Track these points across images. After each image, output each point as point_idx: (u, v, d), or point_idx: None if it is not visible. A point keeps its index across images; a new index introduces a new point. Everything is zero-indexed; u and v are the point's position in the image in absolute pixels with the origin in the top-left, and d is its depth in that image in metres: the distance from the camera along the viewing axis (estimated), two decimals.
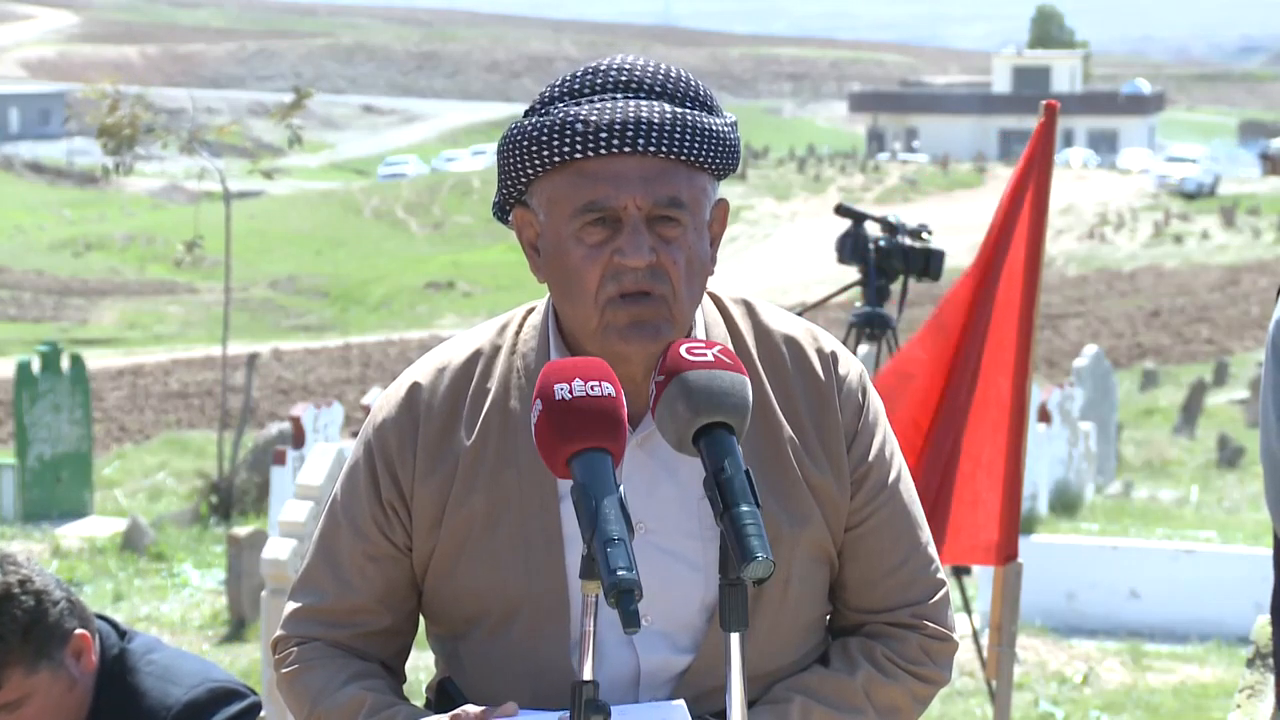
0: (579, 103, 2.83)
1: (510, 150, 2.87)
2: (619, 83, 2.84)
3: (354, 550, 2.93)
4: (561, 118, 2.81)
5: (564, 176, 2.82)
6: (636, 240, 2.79)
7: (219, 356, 21.59)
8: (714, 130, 2.85)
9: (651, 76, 2.85)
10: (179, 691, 3.73)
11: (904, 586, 2.95)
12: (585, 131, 2.79)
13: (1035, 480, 15.39)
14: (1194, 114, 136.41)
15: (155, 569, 13.29)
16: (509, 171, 2.88)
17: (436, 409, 2.92)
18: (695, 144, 2.82)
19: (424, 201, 73.69)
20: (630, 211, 2.80)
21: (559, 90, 2.86)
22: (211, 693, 3.74)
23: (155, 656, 3.80)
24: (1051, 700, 9.78)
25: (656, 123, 2.80)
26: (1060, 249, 57.43)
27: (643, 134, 2.80)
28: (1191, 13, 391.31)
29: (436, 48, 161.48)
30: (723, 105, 2.90)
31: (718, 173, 2.88)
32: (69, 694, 3.70)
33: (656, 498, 2.85)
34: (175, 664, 3.79)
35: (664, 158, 2.81)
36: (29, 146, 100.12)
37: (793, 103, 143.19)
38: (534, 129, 2.83)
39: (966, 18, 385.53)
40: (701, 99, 2.87)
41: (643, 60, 2.89)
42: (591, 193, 2.80)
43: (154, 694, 3.73)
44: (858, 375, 2.98)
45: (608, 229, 2.81)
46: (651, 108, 2.82)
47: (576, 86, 2.85)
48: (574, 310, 2.85)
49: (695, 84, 2.88)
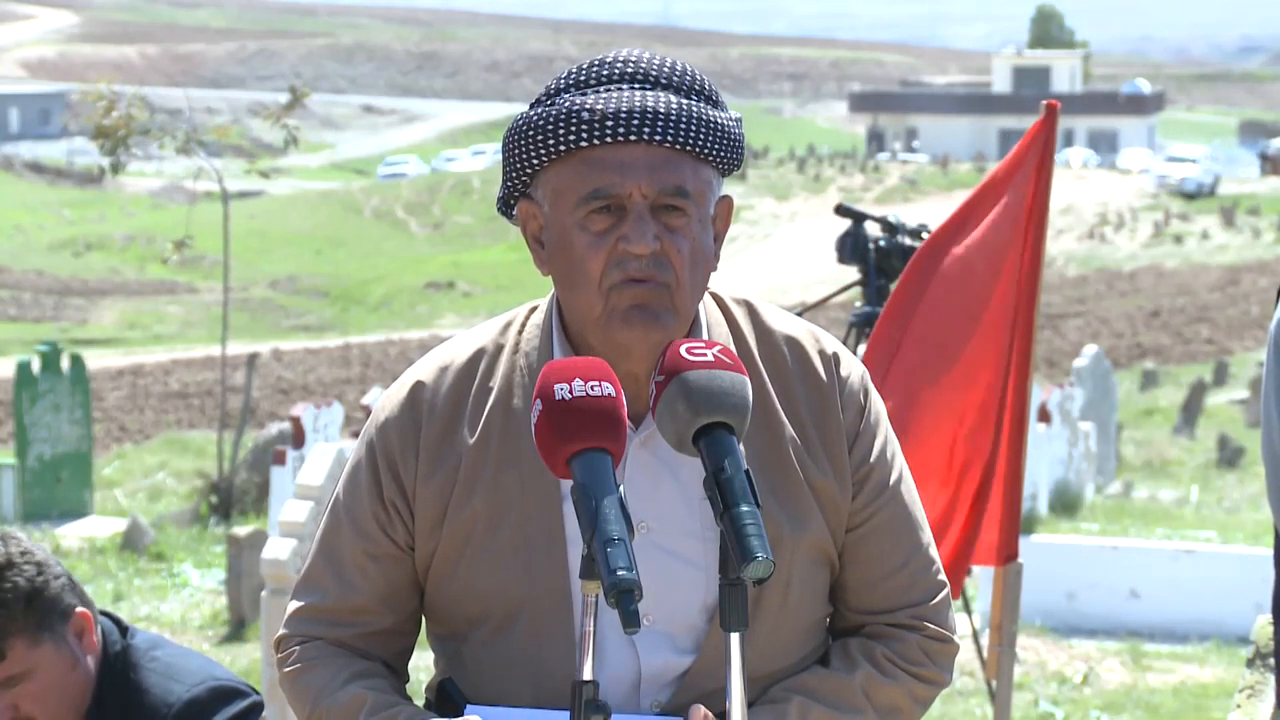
0: (585, 93, 2.84)
1: (516, 141, 2.87)
2: (625, 74, 2.85)
3: (356, 549, 2.93)
4: (568, 107, 2.82)
5: (570, 166, 2.83)
6: (641, 227, 2.80)
7: (219, 356, 21.58)
8: (719, 124, 2.85)
9: (658, 69, 2.86)
10: (181, 689, 3.73)
11: (904, 588, 2.95)
12: (591, 120, 2.80)
13: (1035, 480, 15.39)
14: (1194, 114, 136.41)
15: (155, 569, 13.29)
16: (515, 163, 2.89)
17: (439, 408, 2.92)
18: (701, 136, 2.83)
19: (424, 201, 73.68)
20: (635, 199, 2.81)
21: (565, 82, 2.87)
22: (213, 691, 3.74)
23: (158, 653, 3.80)
24: (1051, 700, 9.78)
25: (663, 113, 2.81)
26: (1060, 249, 57.42)
27: (649, 123, 2.80)
28: (1191, 13, 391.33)
29: (436, 48, 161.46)
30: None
31: (722, 167, 2.88)
32: (72, 673, 3.70)
33: (658, 498, 2.85)
34: (178, 661, 3.79)
35: (670, 148, 2.82)
36: (29, 146, 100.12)
37: (793, 103, 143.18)
38: (540, 119, 2.84)
39: (966, 18, 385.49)
40: (707, 93, 2.88)
41: (649, 53, 2.90)
42: (597, 180, 2.81)
43: (156, 691, 3.73)
44: (859, 376, 2.98)
45: (613, 216, 2.82)
46: (658, 98, 2.82)
47: (583, 78, 2.86)
48: (578, 299, 2.85)
49: (701, 78, 2.89)
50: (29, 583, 3.65)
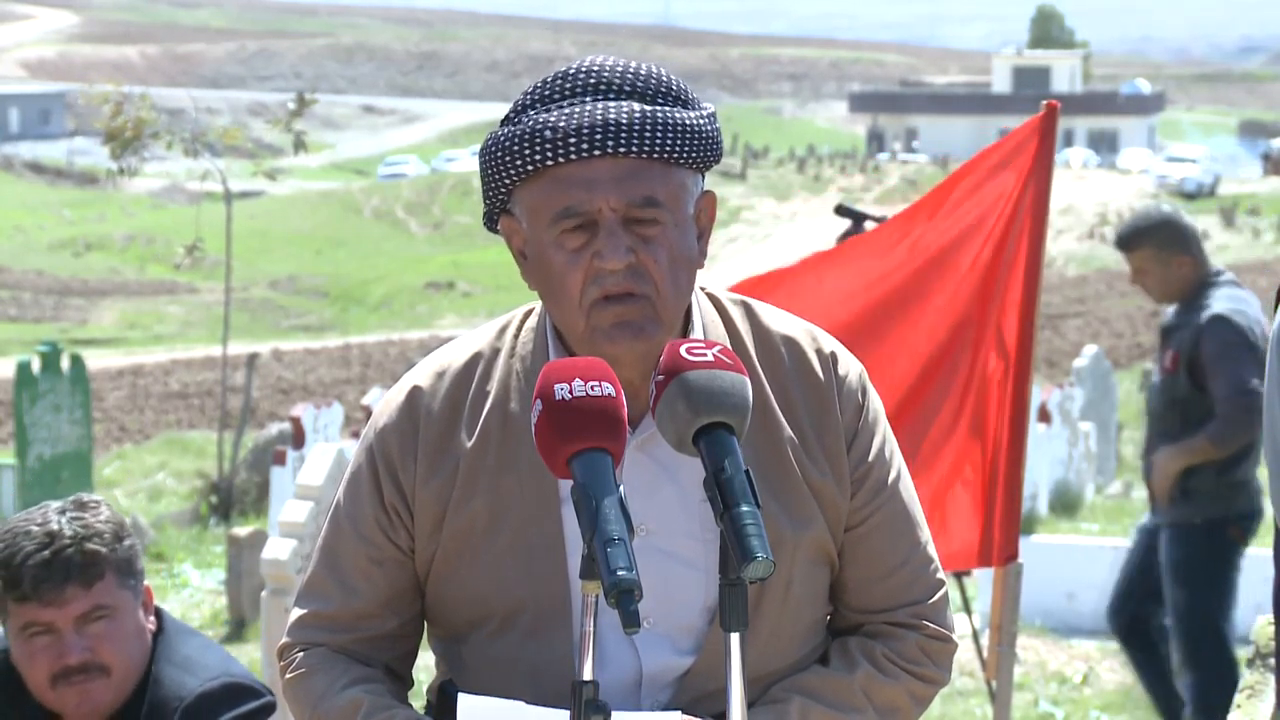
0: (549, 109, 2.83)
1: (488, 161, 2.88)
2: (588, 85, 2.84)
3: (358, 555, 2.94)
4: (531, 125, 2.82)
5: (540, 184, 2.83)
6: (613, 242, 2.79)
7: (219, 356, 21.60)
8: (687, 124, 2.84)
9: (620, 76, 2.85)
10: (194, 682, 3.76)
11: (904, 586, 2.95)
12: (554, 139, 2.80)
13: (1035, 480, 15.38)
14: (1194, 114, 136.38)
15: (155, 569, 13.29)
16: (489, 181, 2.90)
17: (437, 412, 2.92)
18: (667, 141, 2.82)
19: (424, 201, 73.70)
20: (605, 214, 2.80)
21: (530, 98, 2.87)
22: (226, 687, 3.77)
23: (179, 644, 3.82)
24: (1051, 700, 9.78)
25: (625, 123, 2.80)
26: (1060, 249, 57.43)
27: (611, 135, 2.79)
28: (1191, 13, 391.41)
29: (436, 48, 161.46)
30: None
31: (696, 166, 2.87)
32: (140, 638, 3.76)
33: (657, 499, 2.85)
34: (197, 655, 3.82)
35: (635, 157, 2.81)
36: (29, 146, 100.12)
37: (793, 103, 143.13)
38: (506, 139, 2.84)
39: (966, 18, 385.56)
40: (674, 94, 2.86)
41: (611, 60, 2.88)
42: (566, 198, 2.81)
43: (171, 683, 3.76)
44: (857, 375, 2.98)
45: (586, 233, 2.81)
46: (620, 108, 2.81)
47: (546, 93, 2.85)
48: (562, 315, 2.86)
49: (667, 79, 2.87)
50: (116, 524, 3.76)
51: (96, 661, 3.70)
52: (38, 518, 3.73)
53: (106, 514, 3.76)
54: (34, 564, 3.67)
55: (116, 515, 3.79)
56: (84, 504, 3.77)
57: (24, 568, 3.67)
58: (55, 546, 3.67)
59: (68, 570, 3.67)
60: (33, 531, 3.70)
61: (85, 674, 3.69)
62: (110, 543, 3.71)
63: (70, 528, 3.70)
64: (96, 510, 3.76)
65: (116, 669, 3.72)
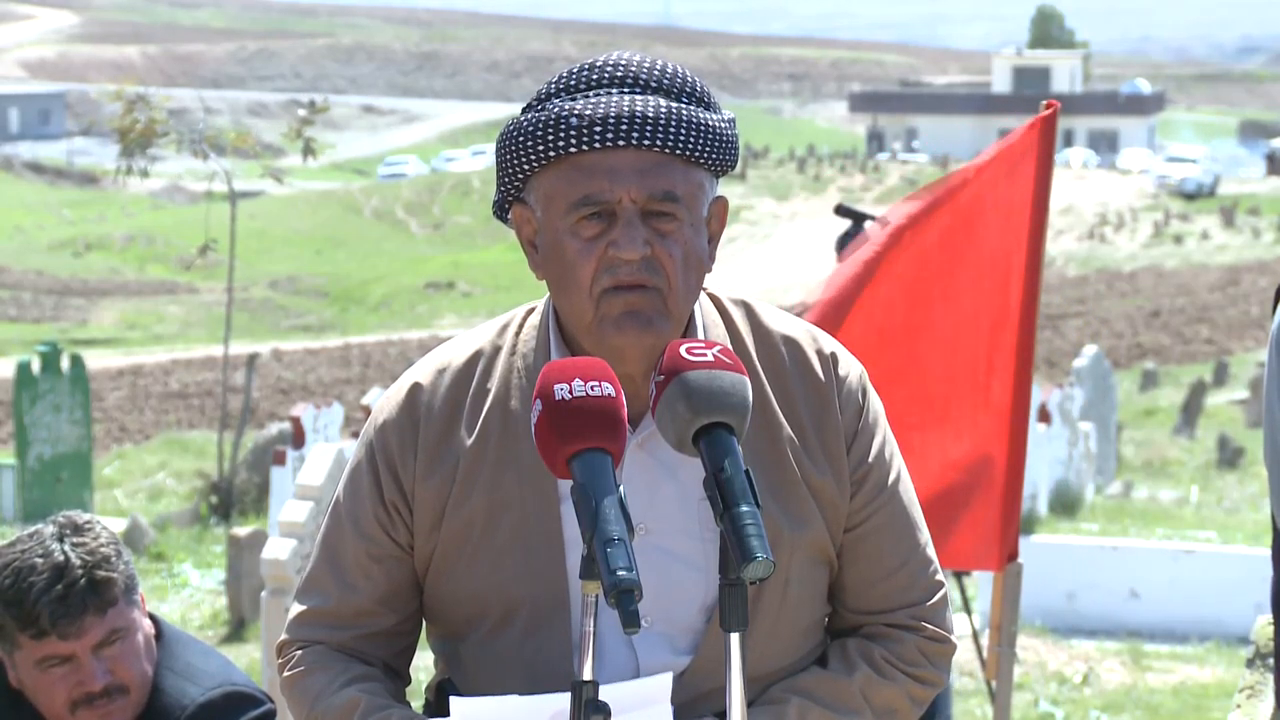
0: (574, 98, 2.83)
1: (507, 146, 2.88)
2: (615, 78, 2.85)
3: (357, 551, 2.94)
4: (557, 113, 2.82)
5: (560, 171, 2.83)
6: (631, 233, 2.80)
7: (219, 356, 21.61)
8: (710, 126, 2.85)
9: (648, 72, 2.86)
10: (195, 691, 3.75)
11: (903, 588, 2.95)
12: (580, 126, 2.80)
13: (1035, 480, 15.39)
14: (1194, 114, 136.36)
15: (155, 569, 13.30)
16: (507, 168, 2.89)
17: (437, 410, 2.92)
18: (691, 139, 2.82)
19: (424, 201, 73.71)
20: (625, 205, 2.81)
21: (556, 86, 2.87)
22: (227, 696, 3.76)
23: (179, 650, 3.82)
24: (1051, 700, 9.78)
25: (651, 117, 2.81)
26: (1060, 249, 57.42)
27: (637, 128, 2.80)
28: (1191, 13, 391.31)
29: (436, 48, 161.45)
30: (722, 105, 2.91)
31: (715, 169, 2.88)
32: (149, 651, 3.76)
33: (657, 499, 2.85)
34: (198, 662, 3.81)
35: (659, 152, 2.81)
36: (29, 146, 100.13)
37: (793, 103, 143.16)
38: (530, 124, 2.84)
39: (966, 18, 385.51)
40: (699, 95, 2.87)
41: (639, 56, 2.89)
42: (586, 186, 2.81)
43: (172, 692, 3.75)
44: (857, 376, 2.98)
45: (603, 223, 2.81)
46: (647, 102, 2.82)
47: (573, 82, 2.86)
48: (570, 304, 2.85)
49: (692, 80, 2.88)
50: (114, 543, 3.73)
51: (117, 683, 3.68)
52: (37, 549, 3.67)
53: (104, 534, 3.71)
54: (49, 600, 3.62)
55: (110, 532, 3.75)
56: (79, 526, 3.71)
57: (39, 605, 3.62)
58: (68, 579, 3.62)
59: (84, 602, 3.63)
60: (38, 565, 3.64)
61: (108, 697, 3.68)
62: (116, 565, 3.68)
63: (76, 555, 3.65)
64: (93, 531, 3.71)
65: (135, 687, 3.71)
